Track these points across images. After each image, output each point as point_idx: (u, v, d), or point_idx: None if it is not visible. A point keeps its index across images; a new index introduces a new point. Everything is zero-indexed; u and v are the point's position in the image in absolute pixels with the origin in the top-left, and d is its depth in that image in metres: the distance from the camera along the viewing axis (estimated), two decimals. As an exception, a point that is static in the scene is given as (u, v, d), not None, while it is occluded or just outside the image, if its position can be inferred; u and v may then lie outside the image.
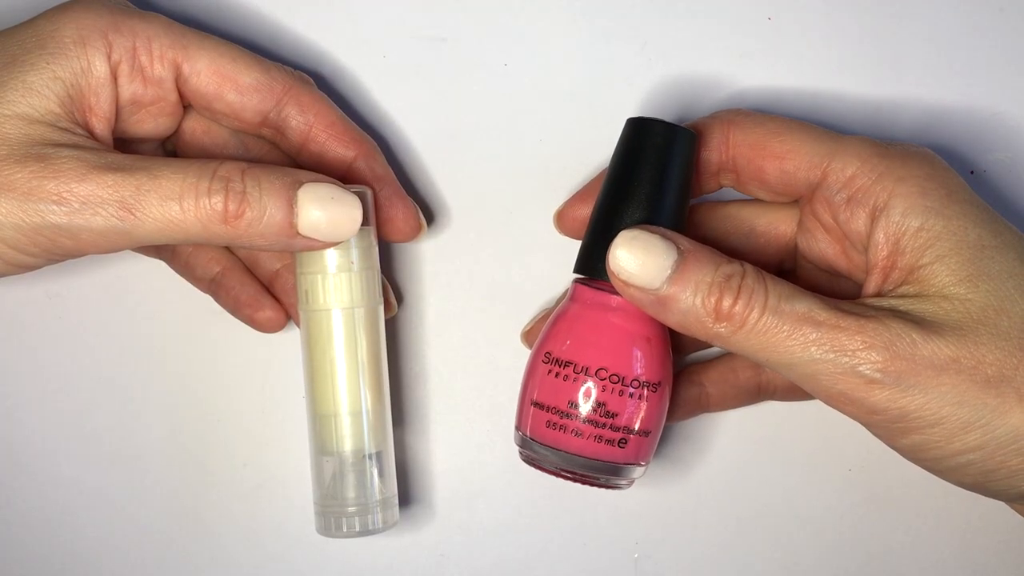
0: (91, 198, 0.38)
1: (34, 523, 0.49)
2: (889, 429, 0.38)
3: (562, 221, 0.46)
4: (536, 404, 0.41)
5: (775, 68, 0.47)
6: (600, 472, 0.41)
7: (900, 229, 0.39)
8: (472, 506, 0.49)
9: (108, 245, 0.39)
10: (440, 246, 0.48)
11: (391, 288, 0.47)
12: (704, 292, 0.38)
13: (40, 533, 0.49)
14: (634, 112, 0.47)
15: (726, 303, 0.38)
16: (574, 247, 0.48)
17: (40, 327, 0.49)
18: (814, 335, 0.37)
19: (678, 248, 0.39)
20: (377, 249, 0.44)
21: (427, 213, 0.48)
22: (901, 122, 0.47)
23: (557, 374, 0.41)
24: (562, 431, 0.41)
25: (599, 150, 0.48)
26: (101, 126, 0.41)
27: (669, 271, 0.38)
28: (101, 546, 0.49)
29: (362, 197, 0.41)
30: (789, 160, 0.41)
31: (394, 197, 0.44)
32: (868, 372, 0.37)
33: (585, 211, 0.44)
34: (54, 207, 0.38)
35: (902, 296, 0.39)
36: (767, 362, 0.38)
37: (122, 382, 0.49)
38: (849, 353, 0.37)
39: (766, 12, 0.47)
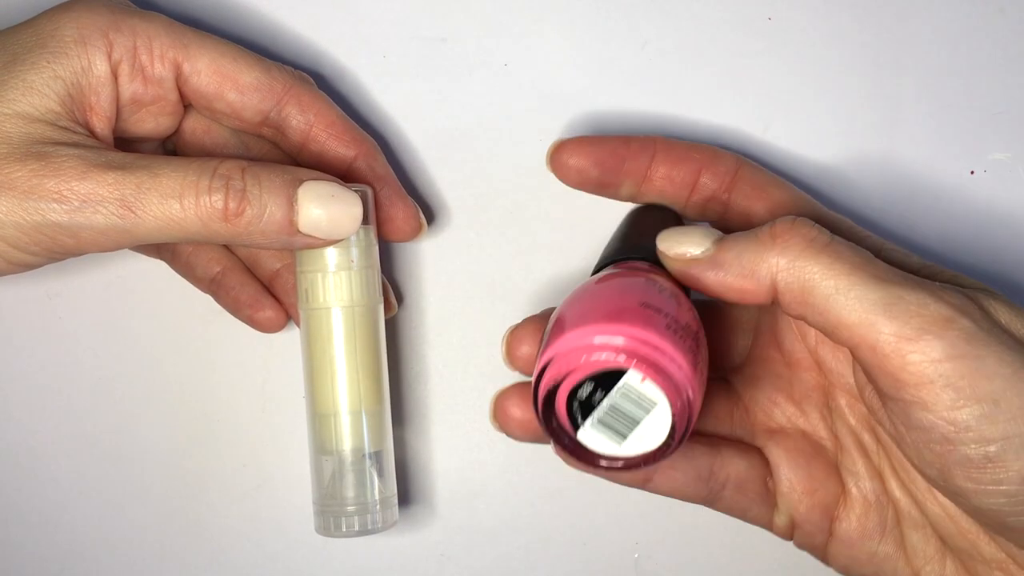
0: (91, 196, 0.38)
1: (34, 523, 0.49)
2: None
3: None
4: None
5: (775, 68, 0.47)
6: None
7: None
8: (472, 506, 0.49)
9: (108, 243, 0.39)
10: (440, 246, 0.48)
11: (391, 288, 0.47)
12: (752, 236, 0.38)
13: (40, 533, 0.49)
14: (633, 112, 0.48)
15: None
16: (574, 247, 0.48)
17: (40, 327, 0.49)
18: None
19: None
20: (377, 248, 0.44)
21: (427, 212, 0.48)
22: (901, 122, 0.47)
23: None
24: None
25: (599, 150, 0.48)
26: (101, 125, 0.41)
27: (711, 240, 0.38)
28: (101, 546, 0.49)
29: (362, 195, 0.41)
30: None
31: (394, 196, 0.44)
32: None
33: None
34: (54, 205, 0.38)
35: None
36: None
37: (122, 382, 0.49)
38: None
39: (766, 12, 0.47)
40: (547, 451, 0.48)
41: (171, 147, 0.46)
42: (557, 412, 0.37)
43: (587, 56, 0.48)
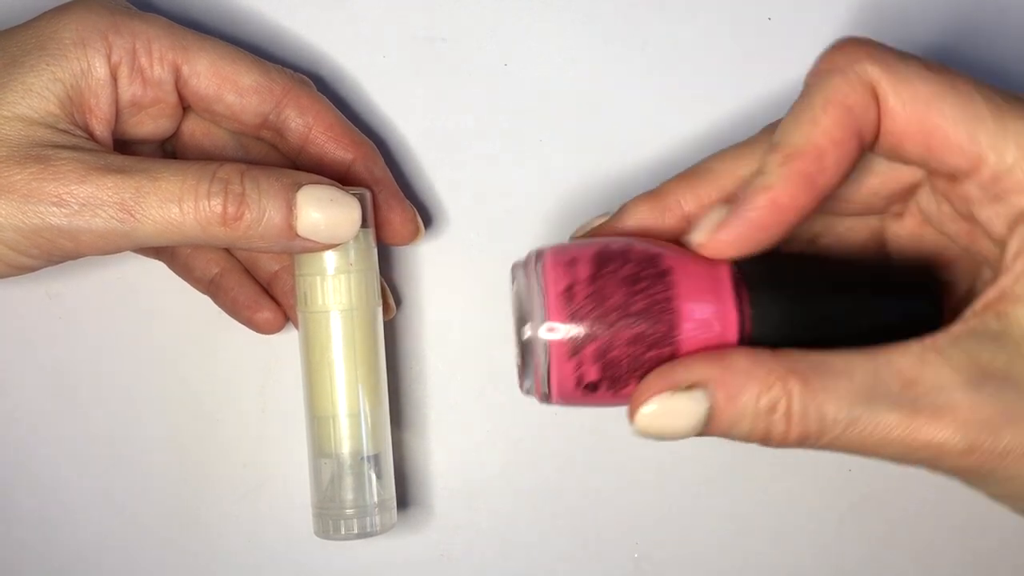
0: (91, 200, 0.38)
1: (34, 523, 0.49)
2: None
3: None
4: None
5: (775, 68, 0.47)
6: None
7: None
8: (472, 506, 0.49)
9: (107, 247, 0.39)
10: (440, 246, 0.48)
11: (390, 290, 0.47)
12: (751, 424, 0.35)
13: (40, 533, 0.49)
14: (634, 112, 0.47)
15: (777, 430, 0.35)
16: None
17: (40, 327, 0.49)
18: (885, 439, 0.34)
19: (708, 398, 0.35)
20: (376, 251, 0.44)
21: (426, 214, 0.48)
22: (901, 122, 0.47)
23: None
24: None
25: (599, 150, 0.48)
26: (101, 127, 0.41)
27: (699, 423, 0.35)
28: (101, 546, 0.49)
29: (361, 199, 0.41)
30: (938, 136, 0.35)
31: (392, 200, 0.44)
32: (948, 467, 0.34)
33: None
34: (54, 208, 0.38)
35: (983, 335, 0.35)
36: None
37: (122, 382, 0.49)
38: (926, 452, 0.34)
39: (766, 12, 0.47)
40: (547, 451, 0.48)
41: (170, 149, 0.46)
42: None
43: (587, 56, 0.48)
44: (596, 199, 0.48)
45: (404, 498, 0.48)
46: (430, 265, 0.48)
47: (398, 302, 0.48)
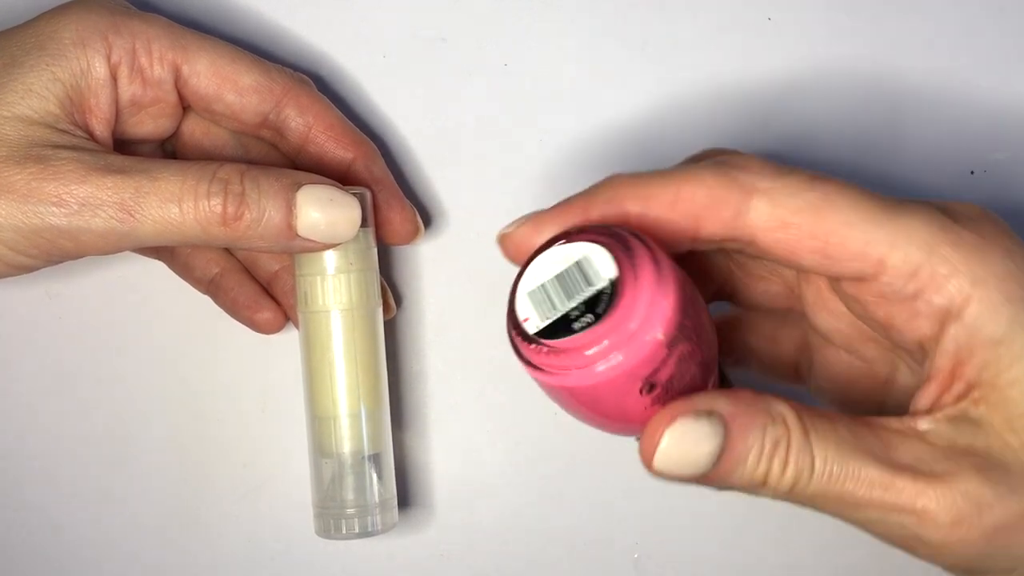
0: (90, 200, 0.38)
1: (34, 523, 0.49)
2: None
3: (507, 246, 0.38)
4: None
5: (775, 68, 0.47)
6: None
7: (976, 340, 0.33)
8: (472, 506, 0.49)
9: (107, 247, 0.39)
10: (440, 246, 0.48)
11: (390, 290, 0.47)
12: (754, 463, 0.34)
13: (40, 533, 0.49)
14: (634, 112, 0.47)
15: (774, 472, 0.34)
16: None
17: (40, 327, 0.49)
18: (867, 497, 0.33)
19: (723, 427, 0.33)
20: (376, 250, 0.44)
21: (426, 213, 0.48)
22: (901, 122, 0.47)
23: None
24: None
25: (599, 150, 0.48)
26: (101, 127, 0.41)
27: (715, 455, 0.34)
28: (101, 546, 0.49)
29: (361, 199, 0.41)
30: (833, 243, 0.34)
31: (392, 200, 0.44)
32: (932, 539, 0.33)
33: (538, 239, 0.36)
34: (53, 209, 0.38)
35: (962, 420, 0.34)
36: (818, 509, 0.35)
37: (122, 382, 0.49)
38: (908, 518, 0.33)
39: (766, 12, 0.47)
40: (547, 451, 0.48)
41: (170, 149, 0.46)
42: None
43: (587, 56, 0.48)
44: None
45: (404, 498, 0.48)
46: (430, 265, 0.48)
47: (398, 302, 0.48)
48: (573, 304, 0.33)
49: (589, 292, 0.33)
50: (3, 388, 0.49)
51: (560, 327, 0.33)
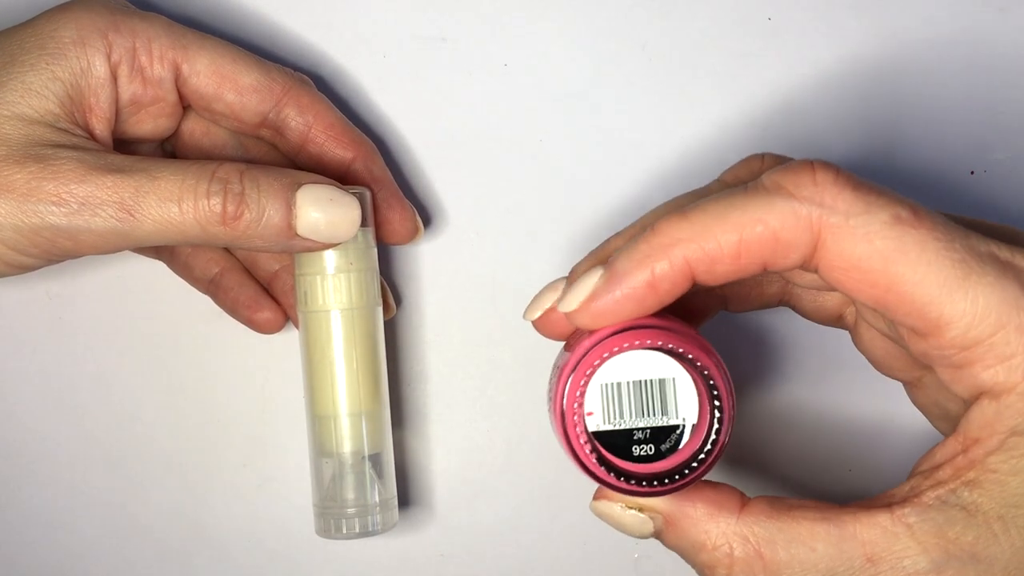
0: (90, 199, 0.38)
1: (34, 523, 0.49)
2: None
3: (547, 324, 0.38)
4: None
5: (775, 68, 0.47)
6: None
7: (999, 425, 0.33)
8: (472, 506, 0.49)
9: (107, 246, 0.39)
10: (440, 246, 0.48)
11: (390, 290, 0.47)
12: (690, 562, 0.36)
13: (40, 533, 0.49)
14: (634, 112, 0.47)
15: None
16: (574, 248, 0.48)
17: (40, 327, 0.49)
18: None
19: (656, 526, 0.36)
20: (376, 250, 0.44)
21: (426, 214, 0.48)
22: (901, 122, 0.47)
23: None
24: None
25: (599, 150, 0.48)
26: (101, 127, 0.41)
27: (649, 534, 0.36)
28: (101, 546, 0.49)
29: (361, 198, 0.41)
30: (894, 295, 0.33)
31: (391, 199, 0.44)
32: None
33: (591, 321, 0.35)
34: (53, 208, 0.38)
35: (953, 506, 0.34)
36: None
37: (122, 382, 0.49)
38: None
39: (766, 12, 0.47)
40: (547, 451, 0.48)
41: (169, 148, 0.46)
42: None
43: (587, 56, 0.48)
44: (596, 199, 0.48)
45: (404, 497, 0.48)
46: (430, 265, 0.48)
47: (398, 302, 0.48)
48: (642, 424, 0.35)
49: (661, 423, 0.35)
50: (3, 388, 0.49)
51: (619, 440, 0.35)
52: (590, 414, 0.35)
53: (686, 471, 0.34)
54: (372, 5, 0.48)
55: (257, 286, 0.46)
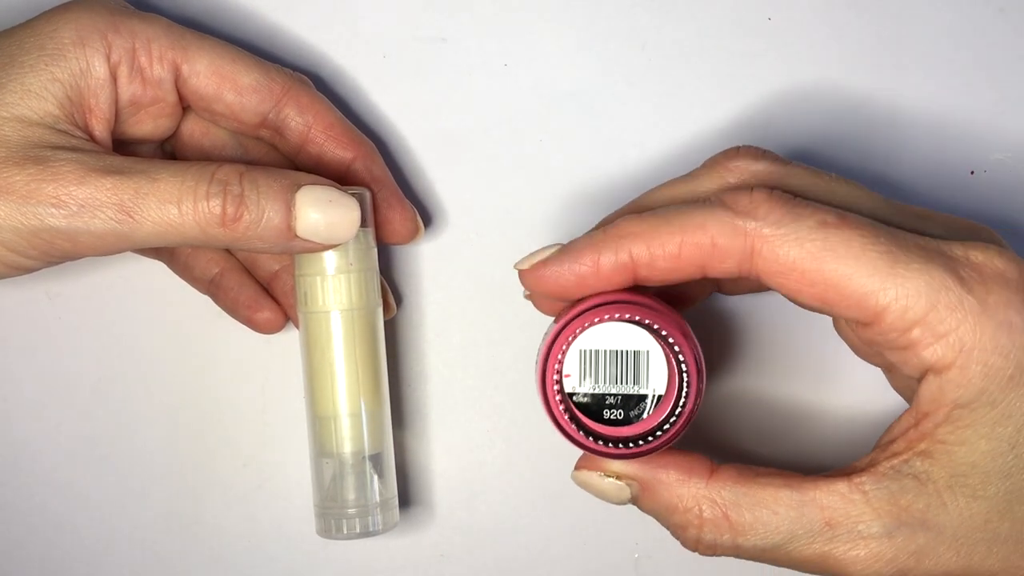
0: (90, 201, 0.38)
1: (34, 523, 0.49)
2: None
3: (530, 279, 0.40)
4: None
5: (775, 68, 0.47)
6: None
7: (944, 399, 0.36)
8: (472, 506, 0.49)
9: (106, 248, 0.39)
10: (440, 246, 0.48)
11: (390, 290, 0.47)
12: (665, 524, 0.40)
13: (40, 533, 0.49)
14: (634, 112, 0.47)
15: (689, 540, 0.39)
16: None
17: (40, 327, 0.49)
18: (798, 566, 0.38)
19: (632, 491, 0.40)
20: (376, 250, 0.44)
21: (426, 214, 0.48)
22: (901, 122, 0.47)
23: None
24: None
25: (599, 150, 0.48)
26: (100, 128, 0.41)
27: (627, 501, 0.40)
28: (101, 546, 0.49)
29: (360, 199, 0.41)
30: (831, 291, 0.36)
31: (391, 199, 0.44)
32: None
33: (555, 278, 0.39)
34: (52, 210, 0.38)
35: (907, 475, 0.36)
36: None
37: (122, 382, 0.49)
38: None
39: (766, 12, 0.47)
40: (547, 451, 0.48)
41: (169, 149, 0.46)
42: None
43: (587, 56, 0.48)
44: (596, 199, 0.47)
45: (404, 497, 0.48)
46: (430, 265, 0.48)
47: (398, 302, 0.48)
48: (614, 390, 0.38)
49: (632, 391, 0.38)
50: (3, 388, 0.49)
51: (592, 404, 0.38)
52: (568, 376, 0.38)
53: (650, 437, 0.38)
54: (372, 5, 0.48)
55: (257, 286, 0.46)
